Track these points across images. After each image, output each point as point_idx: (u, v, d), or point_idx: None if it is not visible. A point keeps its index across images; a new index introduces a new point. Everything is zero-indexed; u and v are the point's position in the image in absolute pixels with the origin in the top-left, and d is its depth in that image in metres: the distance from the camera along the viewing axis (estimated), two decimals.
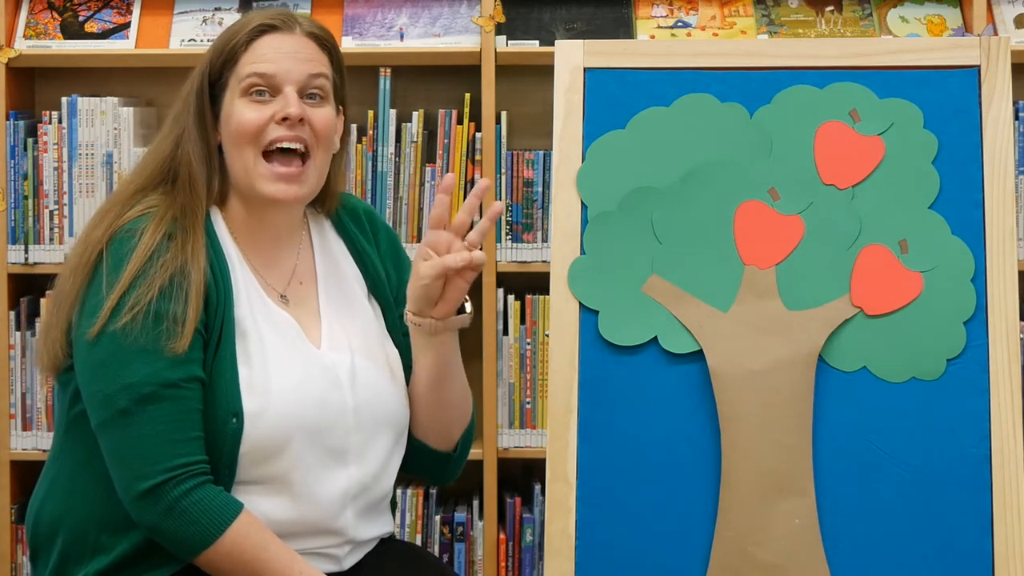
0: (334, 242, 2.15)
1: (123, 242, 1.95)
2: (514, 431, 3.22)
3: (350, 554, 2.06)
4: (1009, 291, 2.10)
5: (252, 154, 2.00)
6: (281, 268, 2.08)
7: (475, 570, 3.24)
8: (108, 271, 1.93)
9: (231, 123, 2.00)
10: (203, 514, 1.88)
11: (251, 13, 2.08)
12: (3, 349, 3.22)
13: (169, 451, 1.88)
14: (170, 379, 1.89)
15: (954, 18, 3.29)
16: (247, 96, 2.00)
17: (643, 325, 2.13)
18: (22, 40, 3.26)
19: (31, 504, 2.06)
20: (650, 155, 2.18)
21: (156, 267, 1.92)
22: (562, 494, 2.10)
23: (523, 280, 3.28)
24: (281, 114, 1.99)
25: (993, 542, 2.04)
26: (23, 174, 3.21)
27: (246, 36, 2.02)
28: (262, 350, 1.98)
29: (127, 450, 1.89)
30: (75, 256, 1.99)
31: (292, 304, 2.06)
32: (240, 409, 1.93)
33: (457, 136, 3.21)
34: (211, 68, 2.03)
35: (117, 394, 1.89)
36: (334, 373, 2.02)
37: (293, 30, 2.04)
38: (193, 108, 2.02)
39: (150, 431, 1.88)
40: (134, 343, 1.89)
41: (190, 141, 2.01)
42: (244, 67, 2.01)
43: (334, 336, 2.07)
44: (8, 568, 3.21)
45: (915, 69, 2.18)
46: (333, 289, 2.11)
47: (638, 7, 3.31)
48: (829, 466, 2.08)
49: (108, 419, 1.90)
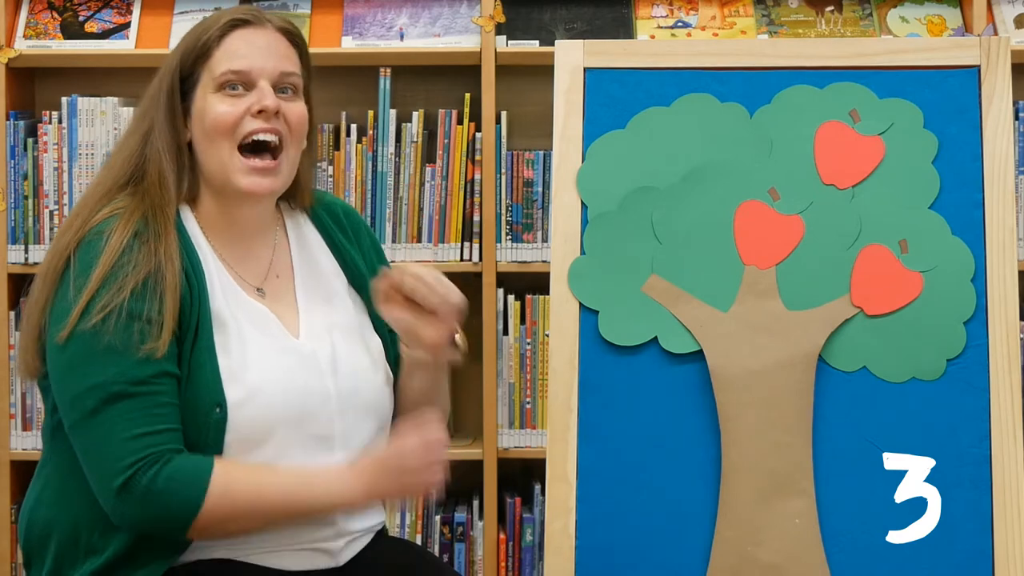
0: (311, 236, 2.15)
1: (91, 245, 1.95)
2: (514, 431, 3.22)
3: (345, 548, 2.06)
4: (1009, 291, 2.10)
5: (228, 148, 2.00)
6: (256, 263, 2.08)
7: (475, 570, 3.24)
8: (76, 274, 1.93)
9: (206, 118, 2.01)
10: (178, 486, 1.87)
11: (221, 10, 2.09)
12: (3, 349, 3.22)
13: (135, 445, 1.87)
14: (139, 376, 1.88)
15: (954, 18, 3.29)
16: (221, 91, 2.01)
17: (643, 325, 2.13)
18: (22, 40, 3.26)
19: (23, 510, 2.06)
20: (650, 155, 2.18)
21: (127, 268, 1.92)
22: (562, 494, 2.10)
23: (523, 280, 3.28)
24: (257, 106, 2.00)
25: (993, 542, 2.04)
26: (23, 174, 3.21)
27: (218, 31, 2.03)
28: (241, 340, 1.98)
29: (96, 450, 1.89)
30: (45, 263, 1.99)
31: (269, 298, 2.06)
32: (223, 399, 1.93)
33: (457, 136, 3.21)
34: (182, 65, 2.04)
35: (85, 394, 1.88)
36: (315, 360, 2.02)
37: (264, 25, 2.05)
38: (164, 105, 2.03)
39: (118, 428, 1.87)
40: (103, 344, 1.88)
41: (160, 138, 2.02)
42: (218, 63, 2.02)
43: (313, 326, 2.06)
44: (8, 568, 3.21)
45: (915, 69, 2.18)
46: (310, 282, 2.11)
47: (638, 7, 3.31)
48: (829, 466, 2.08)
49: (77, 420, 1.90)
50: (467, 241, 3.21)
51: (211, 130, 2.00)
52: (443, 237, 3.21)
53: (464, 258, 3.21)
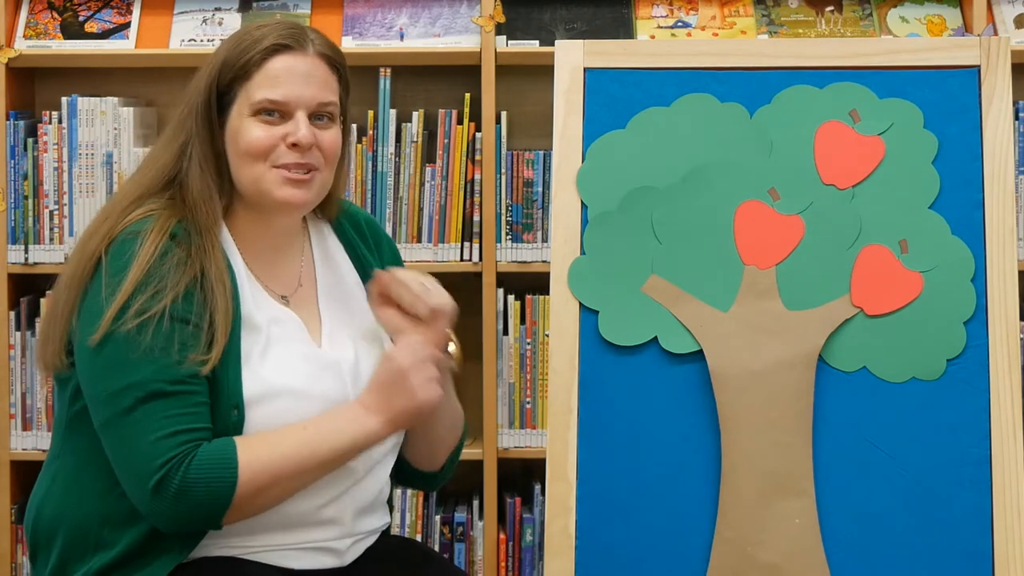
0: (334, 247, 2.16)
1: (125, 244, 1.94)
2: (514, 431, 3.22)
3: (351, 548, 2.06)
4: (1009, 291, 2.10)
5: (262, 168, 2.00)
6: (283, 273, 2.08)
7: (475, 570, 3.24)
8: (109, 275, 1.92)
9: (240, 141, 2.00)
10: (209, 472, 1.87)
11: (263, 24, 2.05)
12: (3, 349, 3.22)
13: (169, 443, 1.88)
14: (177, 375, 1.89)
15: (954, 18, 3.29)
16: (256, 116, 2.00)
17: (643, 325, 2.13)
18: (22, 40, 3.26)
19: (30, 503, 2.06)
20: (650, 155, 2.18)
21: (166, 270, 1.92)
22: (562, 494, 2.10)
23: (523, 280, 3.28)
24: (292, 139, 1.99)
25: (993, 542, 2.04)
26: (23, 174, 3.21)
27: (260, 55, 2.01)
28: (266, 345, 1.98)
29: (128, 449, 1.89)
30: (72, 266, 1.98)
31: (293, 306, 2.07)
32: (241, 401, 1.93)
33: (457, 136, 3.21)
34: (220, 80, 2.01)
35: (121, 392, 1.89)
36: (337, 368, 2.03)
37: (306, 50, 2.02)
38: (202, 118, 2.01)
39: (153, 427, 1.88)
40: (144, 344, 1.89)
41: (199, 151, 2.01)
42: (256, 89, 2.00)
43: (335, 334, 2.07)
44: (8, 568, 3.22)
45: (915, 69, 2.18)
46: (333, 291, 2.12)
47: (638, 7, 3.31)
48: (829, 466, 2.08)
49: (110, 418, 1.90)
50: (467, 241, 3.21)
51: (245, 153, 2.00)
52: (443, 237, 3.21)
53: (464, 258, 3.21)
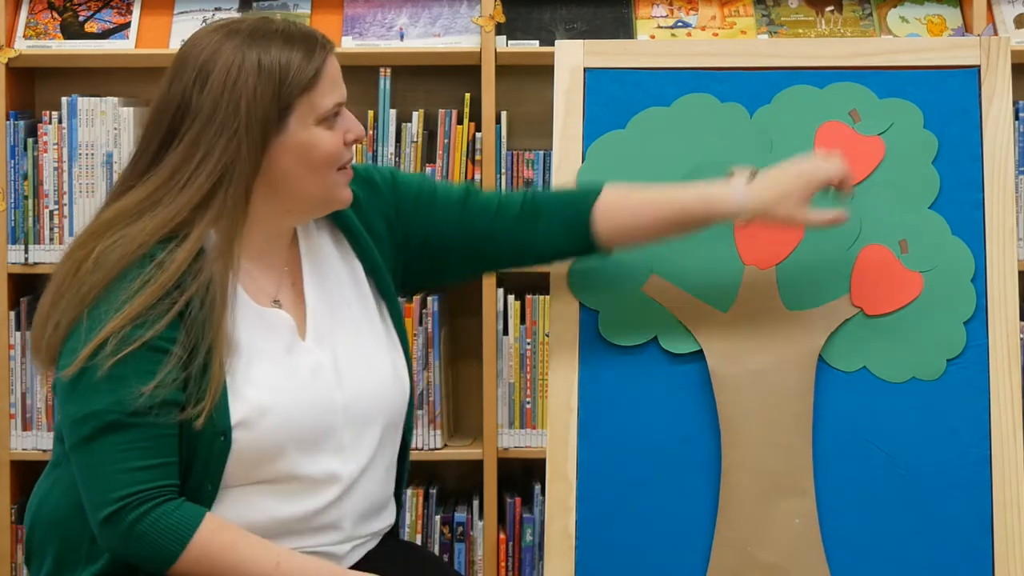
0: (322, 241, 2.13)
1: (125, 275, 1.91)
2: (514, 431, 3.22)
3: (351, 553, 2.06)
4: (1009, 291, 2.10)
5: (332, 173, 2.00)
6: (273, 274, 2.06)
7: (475, 570, 3.24)
8: (93, 305, 1.90)
9: (313, 152, 1.96)
10: (160, 533, 1.87)
11: (278, 30, 1.99)
12: (3, 349, 3.22)
13: (127, 479, 1.87)
14: (137, 407, 1.87)
15: (954, 18, 3.29)
16: (323, 123, 1.98)
17: (643, 325, 2.13)
18: (22, 40, 3.26)
19: (29, 506, 2.06)
20: (650, 155, 2.18)
21: (155, 299, 1.90)
22: (562, 494, 2.10)
23: (523, 280, 3.27)
24: (353, 136, 2.00)
25: (993, 542, 2.05)
26: (23, 174, 3.21)
27: (320, 60, 1.99)
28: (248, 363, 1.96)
29: (88, 477, 1.89)
30: (63, 275, 1.95)
31: (285, 306, 2.06)
32: (228, 428, 1.91)
33: (457, 136, 3.21)
34: (283, 95, 1.98)
35: (81, 421, 1.88)
36: (322, 372, 2.01)
37: (333, 48, 2.03)
38: (256, 140, 1.94)
39: (110, 459, 1.87)
40: (104, 372, 1.87)
41: (247, 175, 1.94)
42: (324, 95, 1.96)
43: (319, 329, 2.05)
44: (8, 568, 3.22)
45: (915, 69, 2.18)
46: (319, 285, 2.10)
47: (638, 7, 3.31)
48: (829, 466, 2.08)
49: (74, 444, 1.90)
50: None
51: (320, 163, 1.97)
52: None
53: None
